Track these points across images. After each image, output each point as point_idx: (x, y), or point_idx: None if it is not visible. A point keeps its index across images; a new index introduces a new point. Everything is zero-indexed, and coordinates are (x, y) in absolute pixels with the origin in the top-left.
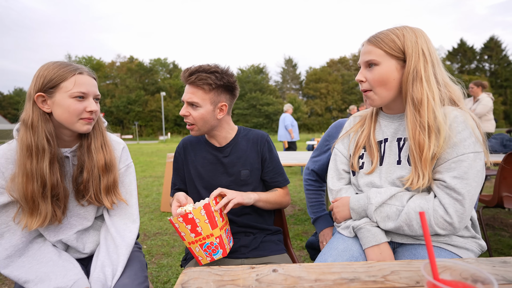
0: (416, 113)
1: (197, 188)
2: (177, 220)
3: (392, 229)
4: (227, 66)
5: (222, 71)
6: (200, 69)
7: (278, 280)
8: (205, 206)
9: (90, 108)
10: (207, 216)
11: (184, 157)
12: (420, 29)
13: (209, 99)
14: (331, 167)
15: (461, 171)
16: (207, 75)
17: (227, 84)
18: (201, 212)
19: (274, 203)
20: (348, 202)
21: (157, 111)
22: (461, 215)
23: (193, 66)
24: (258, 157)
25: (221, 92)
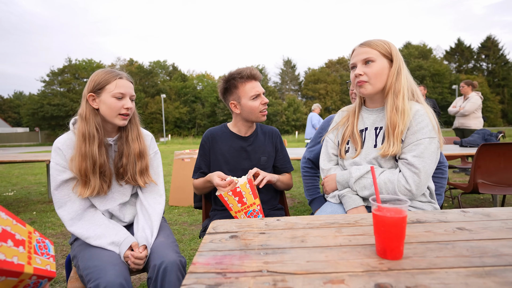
0: (395, 99)
1: (224, 171)
2: (227, 194)
3: (367, 196)
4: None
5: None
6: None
7: (280, 225)
8: (249, 180)
9: (126, 105)
10: (251, 189)
11: (211, 144)
12: None
13: None
14: (323, 151)
15: (419, 151)
16: None
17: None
18: (246, 186)
19: (286, 184)
20: (335, 177)
21: (157, 113)
22: (418, 184)
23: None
24: (273, 147)
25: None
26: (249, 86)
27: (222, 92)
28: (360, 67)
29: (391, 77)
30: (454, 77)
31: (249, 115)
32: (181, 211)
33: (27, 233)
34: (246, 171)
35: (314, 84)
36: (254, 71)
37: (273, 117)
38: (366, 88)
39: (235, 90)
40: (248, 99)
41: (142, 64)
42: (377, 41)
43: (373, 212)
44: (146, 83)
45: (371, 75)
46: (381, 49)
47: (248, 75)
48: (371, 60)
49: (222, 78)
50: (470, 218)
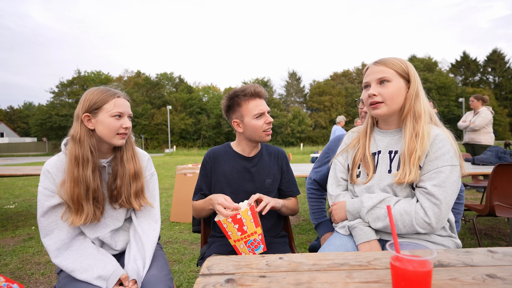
0: (416, 124)
1: (225, 193)
2: (226, 221)
3: (381, 228)
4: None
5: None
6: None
7: (283, 265)
8: (251, 207)
9: (125, 125)
10: (252, 216)
11: (213, 165)
12: None
13: None
14: (331, 175)
15: (439, 180)
16: None
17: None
18: (248, 213)
19: (291, 210)
20: (345, 205)
21: (163, 124)
22: (438, 217)
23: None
24: (278, 169)
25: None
26: (253, 104)
27: (225, 109)
28: (374, 87)
29: (410, 100)
30: (460, 90)
31: (252, 134)
32: (182, 228)
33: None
34: (249, 193)
35: (319, 96)
36: (259, 89)
37: (278, 129)
38: (381, 110)
39: (238, 108)
40: (251, 117)
41: (149, 76)
42: (394, 60)
43: (392, 262)
44: (153, 94)
45: (386, 96)
46: (398, 68)
47: (252, 92)
48: (387, 80)
49: (225, 96)
50: (500, 261)
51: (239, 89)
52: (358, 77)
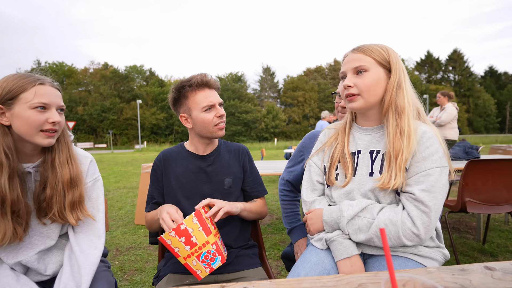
0: (399, 119)
1: (178, 199)
2: (169, 236)
3: (363, 241)
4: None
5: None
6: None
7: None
8: (196, 213)
9: (52, 119)
10: (200, 223)
11: (164, 168)
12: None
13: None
14: (306, 178)
15: (428, 185)
16: None
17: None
18: (193, 220)
19: (255, 213)
20: (321, 214)
21: (132, 119)
22: (427, 226)
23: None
24: (240, 167)
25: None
26: (201, 95)
27: (172, 103)
28: (350, 77)
29: (390, 91)
30: (424, 87)
31: (202, 129)
32: (147, 232)
33: None
34: (206, 197)
35: (292, 91)
36: (207, 78)
37: (252, 124)
38: (356, 103)
39: (185, 101)
40: (199, 110)
41: (117, 68)
42: (373, 46)
43: None
44: (122, 88)
45: (362, 88)
46: (377, 55)
47: (199, 82)
48: (364, 69)
49: (172, 87)
50: (502, 282)
51: (186, 80)
52: (330, 73)
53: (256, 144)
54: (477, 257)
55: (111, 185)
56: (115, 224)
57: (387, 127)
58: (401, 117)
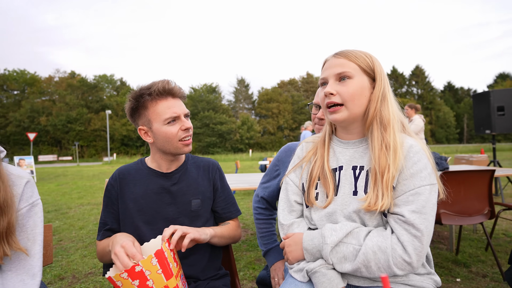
0: (384, 132)
1: (137, 225)
2: (120, 277)
3: (350, 271)
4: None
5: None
6: None
7: None
8: (157, 253)
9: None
10: (160, 265)
11: (120, 189)
12: None
13: None
14: (282, 198)
15: (419, 205)
16: None
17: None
18: (152, 262)
19: (228, 238)
20: (301, 240)
21: (101, 130)
22: (420, 253)
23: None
24: (210, 185)
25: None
26: (163, 105)
27: (129, 113)
28: (332, 84)
29: (375, 102)
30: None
31: (165, 144)
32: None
33: None
34: (171, 221)
35: (267, 103)
36: (170, 85)
37: (227, 136)
38: (340, 114)
39: (144, 112)
40: (161, 123)
41: (85, 77)
42: (357, 52)
43: None
44: (90, 98)
45: (346, 96)
46: (362, 62)
47: (161, 90)
48: (348, 76)
49: (129, 95)
50: None
51: (145, 87)
52: (303, 85)
53: (231, 156)
54: (452, 268)
55: (73, 202)
56: (73, 246)
57: (371, 141)
58: (386, 130)
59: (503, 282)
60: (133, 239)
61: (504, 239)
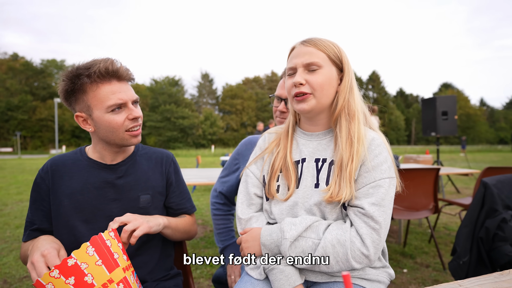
0: (350, 124)
1: (73, 224)
2: (51, 277)
3: (308, 266)
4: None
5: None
6: None
7: None
8: (93, 240)
9: None
10: (99, 255)
11: (52, 183)
12: None
13: None
14: (241, 190)
15: (378, 198)
16: None
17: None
18: (89, 252)
19: (183, 232)
20: (259, 235)
21: (49, 120)
22: (377, 245)
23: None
24: (162, 179)
25: None
26: (106, 90)
27: (64, 96)
28: (301, 73)
29: (343, 93)
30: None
31: (109, 135)
32: None
33: None
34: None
35: (231, 99)
36: (115, 66)
37: (189, 130)
38: (308, 103)
39: (82, 96)
40: (103, 111)
41: (31, 61)
42: (325, 41)
43: None
44: (36, 84)
45: (315, 86)
46: (331, 52)
47: (103, 72)
48: (317, 65)
49: (62, 74)
50: None
51: (83, 66)
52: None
53: (193, 151)
54: (400, 260)
55: (10, 198)
56: (7, 247)
57: (339, 131)
58: (352, 121)
59: (443, 271)
60: (59, 246)
61: (444, 232)
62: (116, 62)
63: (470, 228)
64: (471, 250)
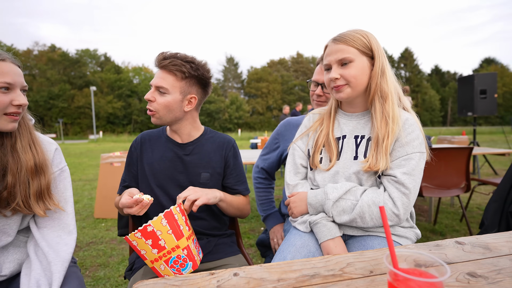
0: (384, 104)
1: (151, 186)
2: (135, 237)
3: (347, 222)
4: (205, 60)
5: (198, 63)
6: (176, 56)
7: (240, 284)
8: (166, 214)
9: (18, 101)
10: (170, 226)
11: (140, 152)
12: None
13: (179, 88)
14: (289, 161)
15: (409, 168)
16: (182, 62)
17: (201, 77)
18: (162, 222)
19: (236, 209)
20: (306, 197)
21: (86, 107)
22: (407, 207)
23: (170, 52)
24: (221, 161)
25: (194, 83)
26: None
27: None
28: (335, 69)
29: (375, 78)
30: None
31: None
32: (109, 225)
33: None
34: (181, 188)
35: (256, 82)
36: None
37: (216, 115)
38: (344, 92)
39: None
40: None
41: (67, 51)
42: (354, 35)
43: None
44: (72, 73)
45: (349, 78)
46: (360, 45)
47: None
48: (348, 59)
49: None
50: (472, 254)
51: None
52: (293, 65)
53: None
54: (429, 236)
55: None
56: None
57: (374, 112)
58: (386, 102)
59: None
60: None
61: (477, 212)
62: None
63: (499, 203)
64: (499, 224)
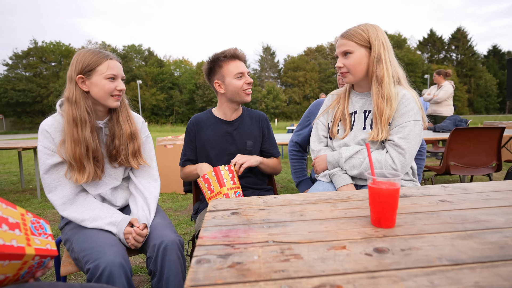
0: (379, 87)
1: (210, 156)
2: (200, 180)
3: (356, 175)
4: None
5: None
6: None
7: (278, 202)
8: (214, 169)
9: (120, 87)
10: (216, 177)
11: (197, 131)
12: (377, 25)
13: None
14: (314, 133)
15: (404, 134)
16: None
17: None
18: (212, 174)
19: (272, 168)
20: (326, 157)
21: (133, 99)
22: (403, 164)
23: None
24: (259, 132)
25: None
26: (233, 65)
27: (207, 73)
28: (340, 59)
29: (372, 65)
30: (426, 67)
31: (234, 94)
32: (165, 198)
33: (19, 215)
34: (232, 155)
35: (293, 71)
36: (238, 51)
37: (253, 105)
38: (347, 78)
39: (219, 70)
40: (232, 77)
41: (115, 48)
42: (355, 31)
43: (369, 185)
44: None
45: (350, 67)
46: (358, 39)
47: (232, 54)
48: (349, 52)
49: (206, 61)
50: (450, 192)
51: (219, 52)
52: (331, 52)
53: None
54: None
55: None
56: None
57: (372, 93)
58: (381, 84)
59: None
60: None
61: None
62: (238, 49)
63: None
64: None
